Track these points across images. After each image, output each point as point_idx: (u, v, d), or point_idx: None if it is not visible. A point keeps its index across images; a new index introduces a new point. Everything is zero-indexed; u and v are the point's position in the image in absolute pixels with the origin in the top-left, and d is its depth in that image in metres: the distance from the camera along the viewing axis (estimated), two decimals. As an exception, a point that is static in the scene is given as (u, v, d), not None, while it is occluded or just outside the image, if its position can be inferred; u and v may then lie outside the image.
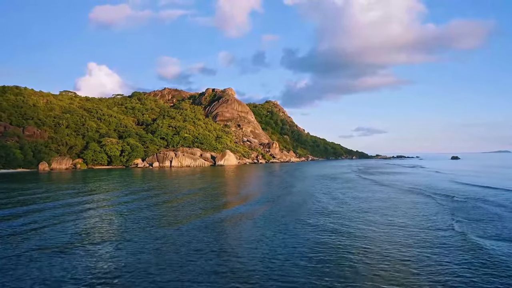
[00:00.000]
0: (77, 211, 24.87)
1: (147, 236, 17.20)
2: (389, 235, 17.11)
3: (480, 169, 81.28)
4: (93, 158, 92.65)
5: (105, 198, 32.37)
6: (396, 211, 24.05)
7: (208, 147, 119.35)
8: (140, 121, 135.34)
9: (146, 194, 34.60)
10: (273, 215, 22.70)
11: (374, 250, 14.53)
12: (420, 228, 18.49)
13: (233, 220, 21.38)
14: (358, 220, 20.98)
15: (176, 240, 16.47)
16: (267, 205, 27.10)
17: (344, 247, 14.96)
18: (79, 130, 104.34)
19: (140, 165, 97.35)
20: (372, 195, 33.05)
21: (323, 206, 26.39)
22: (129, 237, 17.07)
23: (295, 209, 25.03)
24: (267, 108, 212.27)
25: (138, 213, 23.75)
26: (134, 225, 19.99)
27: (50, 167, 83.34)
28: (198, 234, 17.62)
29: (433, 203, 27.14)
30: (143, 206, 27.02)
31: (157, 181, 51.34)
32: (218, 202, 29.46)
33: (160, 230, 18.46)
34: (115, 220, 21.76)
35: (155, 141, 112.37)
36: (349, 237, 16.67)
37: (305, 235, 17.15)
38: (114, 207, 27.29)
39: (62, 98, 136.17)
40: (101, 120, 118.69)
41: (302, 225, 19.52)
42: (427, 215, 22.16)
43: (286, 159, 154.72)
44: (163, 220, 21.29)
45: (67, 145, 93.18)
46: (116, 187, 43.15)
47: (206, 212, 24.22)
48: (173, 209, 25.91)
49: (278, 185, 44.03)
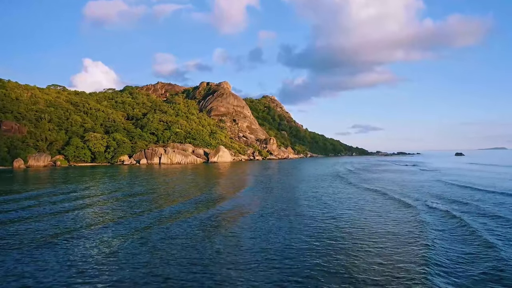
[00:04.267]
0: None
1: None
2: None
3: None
4: (75, 155, 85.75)
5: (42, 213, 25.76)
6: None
7: (201, 143, 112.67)
8: (130, 115, 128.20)
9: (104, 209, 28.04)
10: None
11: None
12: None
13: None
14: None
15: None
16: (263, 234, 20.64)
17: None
18: (62, 125, 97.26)
19: (127, 162, 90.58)
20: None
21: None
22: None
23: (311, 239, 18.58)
24: (264, 103, 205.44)
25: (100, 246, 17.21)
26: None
27: (26, 164, 76.42)
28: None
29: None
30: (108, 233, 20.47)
31: (128, 181, 44.71)
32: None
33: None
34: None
35: (144, 136, 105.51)
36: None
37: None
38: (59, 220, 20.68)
39: (49, 92, 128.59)
40: (87, 114, 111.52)
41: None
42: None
43: (284, 155, 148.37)
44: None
45: (47, 140, 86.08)
46: (71, 189, 36.49)
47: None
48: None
49: (277, 189, 37.58)
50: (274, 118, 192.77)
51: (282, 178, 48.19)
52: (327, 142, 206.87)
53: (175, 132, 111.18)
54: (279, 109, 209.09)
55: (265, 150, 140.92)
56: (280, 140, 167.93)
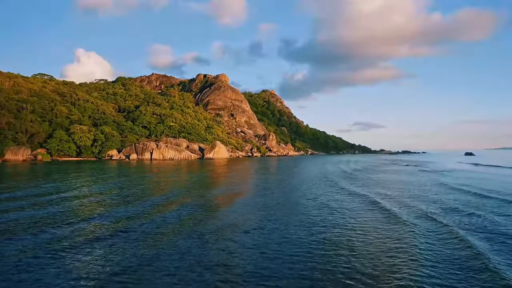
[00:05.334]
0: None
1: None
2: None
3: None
4: (58, 148, 78.72)
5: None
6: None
7: (197, 137, 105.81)
8: (122, 108, 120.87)
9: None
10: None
11: None
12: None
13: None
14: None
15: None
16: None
17: None
18: (46, 116, 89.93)
19: (115, 157, 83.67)
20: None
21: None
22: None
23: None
24: (263, 97, 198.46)
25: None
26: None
27: (2, 158, 69.47)
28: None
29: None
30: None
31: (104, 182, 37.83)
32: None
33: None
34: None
35: (136, 130, 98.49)
36: None
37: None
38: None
39: (34, 81, 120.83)
40: (74, 105, 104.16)
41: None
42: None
43: (284, 152, 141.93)
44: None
45: (27, 132, 78.86)
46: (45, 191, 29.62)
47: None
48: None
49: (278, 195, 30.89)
50: (274, 113, 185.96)
51: (287, 187, 41.56)
52: (329, 139, 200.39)
53: (169, 126, 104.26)
54: (279, 104, 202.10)
55: (264, 146, 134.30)
56: (280, 136, 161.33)
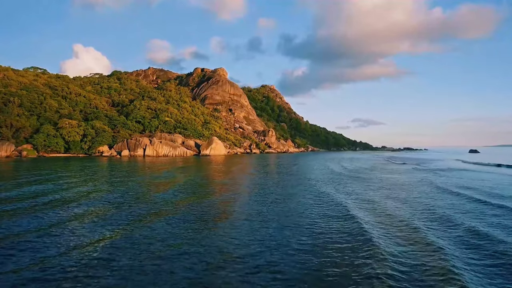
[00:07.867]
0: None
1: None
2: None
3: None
4: (45, 144, 74.52)
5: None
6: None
7: (193, 133, 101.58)
8: (116, 102, 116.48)
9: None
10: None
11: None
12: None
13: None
14: None
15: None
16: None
17: None
18: (35, 110, 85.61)
19: (106, 153, 79.50)
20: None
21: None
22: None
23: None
24: (262, 93, 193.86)
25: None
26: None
27: (-16, 155, 65.35)
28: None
29: None
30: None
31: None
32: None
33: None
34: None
35: (129, 125, 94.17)
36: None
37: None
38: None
39: (25, 74, 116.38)
40: (65, 99, 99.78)
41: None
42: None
43: (284, 149, 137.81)
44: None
45: (13, 127, 74.61)
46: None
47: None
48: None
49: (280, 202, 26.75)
50: (273, 109, 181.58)
51: (291, 189, 37.44)
52: (329, 136, 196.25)
53: (164, 121, 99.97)
54: (278, 100, 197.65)
55: (263, 142, 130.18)
56: (279, 132, 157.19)
